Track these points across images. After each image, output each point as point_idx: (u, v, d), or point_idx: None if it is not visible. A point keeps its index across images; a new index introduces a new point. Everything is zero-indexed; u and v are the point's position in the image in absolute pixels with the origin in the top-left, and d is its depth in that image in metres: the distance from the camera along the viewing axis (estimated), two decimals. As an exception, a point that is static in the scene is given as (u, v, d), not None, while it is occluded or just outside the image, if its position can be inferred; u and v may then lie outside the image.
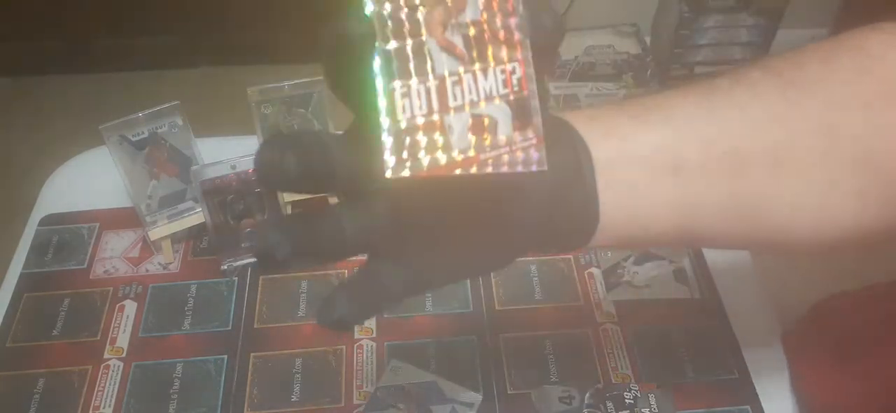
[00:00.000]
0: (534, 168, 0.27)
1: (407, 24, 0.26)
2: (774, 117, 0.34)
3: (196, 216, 0.69)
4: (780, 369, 0.62)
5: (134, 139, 0.65)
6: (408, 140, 0.26)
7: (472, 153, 0.27)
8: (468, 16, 0.27)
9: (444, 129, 0.26)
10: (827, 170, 0.34)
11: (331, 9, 0.26)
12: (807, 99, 0.34)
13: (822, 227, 0.35)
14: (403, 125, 0.26)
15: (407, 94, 0.26)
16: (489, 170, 0.27)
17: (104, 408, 0.59)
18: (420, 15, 0.26)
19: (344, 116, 0.81)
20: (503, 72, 0.27)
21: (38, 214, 0.74)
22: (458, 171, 0.26)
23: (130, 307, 0.66)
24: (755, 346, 0.63)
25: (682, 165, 0.33)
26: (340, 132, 0.32)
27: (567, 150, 0.32)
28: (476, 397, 0.59)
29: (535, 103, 0.28)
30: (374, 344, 0.63)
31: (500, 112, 0.27)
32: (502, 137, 0.27)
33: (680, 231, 0.35)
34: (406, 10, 0.26)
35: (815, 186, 0.34)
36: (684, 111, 0.34)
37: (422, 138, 0.26)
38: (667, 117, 0.34)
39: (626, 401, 0.58)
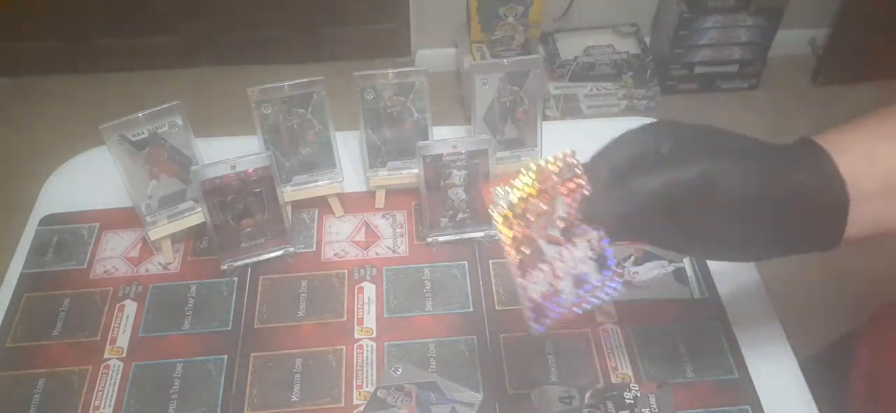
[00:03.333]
0: (614, 296, 0.44)
1: (524, 238, 0.44)
2: None
3: (196, 216, 0.69)
4: (780, 369, 0.62)
5: (134, 139, 0.65)
6: (539, 308, 0.43)
7: (577, 299, 0.44)
8: (558, 212, 0.44)
9: (559, 292, 0.44)
10: None
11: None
12: None
13: None
14: (537, 300, 0.43)
15: (534, 281, 0.43)
16: (587, 307, 0.44)
17: (104, 408, 0.59)
18: (531, 227, 0.44)
19: (344, 116, 0.82)
20: (585, 239, 0.44)
21: (38, 214, 0.74)
22: (571, 316, 0.43)
23: (130, 307, 0.66)
24: (755, 346, 0.63)
25: None
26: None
27: (828, 193, 0.40)
28: (476, 397, 0.59)
29: (610, 254, 0.44)
30: (374, 344, 0.63)
31: (589, 267, 0.44)
32: (595, 281, 0.44)
33: None
34: (521, 225, 0.44)
35: None
36: None
37: (546, 304, 0.43)
38: None
39: (626, 401, 0.58)
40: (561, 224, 0.44)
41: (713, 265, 0.68)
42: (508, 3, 1.91)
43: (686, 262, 0.69)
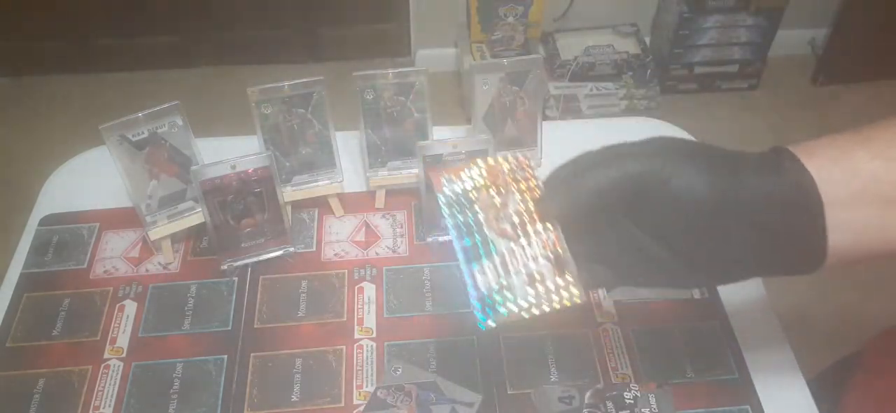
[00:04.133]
0: (576, 301, 0.41)
1: (473, 226, 0.42)
2: None
3: (196, 216, 0.69)
4: (780, 369, 0.62)
5: (134, 139, 0.65)
6: (488, 301, 0.40)
7: (532, 300, 0.40)
8: (511, 208, 0.43)
9: (510, 289, 0.41)
10: None
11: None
12: None
13: None
14: (484, 292, 0.40)
15: (482, 272, 0.41)
16: (546, 309, 0.41)
17: (104, 408, 0.59)
18: (481, 217, 0.43)
19: (344, 116, 0.82)
20: (540, 239, 0.42)
21: (38, 214, 0.74)
22: (525, 315, 0.40)
23: (130, 307, 0.66)
24: (755, 346, 0.63)
25: None
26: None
27: (797, 193, 0.38)
28: (476, 397, 0.59)
29: (568, 256, 0.41)
30: (374, 344, 0.63)
31: (544, 268, 0.41)
32: (550, 284, 0.41)
33: None
34: (470, 215, 0.43)
35: None
36: None
37: (498, 297, 0.40)
38: None
39: (626, 401, 0.58)
40: (514, 219, 0.42)
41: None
42: (508, 3, 1.91)
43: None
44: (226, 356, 0.62)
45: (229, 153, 0.65)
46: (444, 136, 0.68)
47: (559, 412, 0.57)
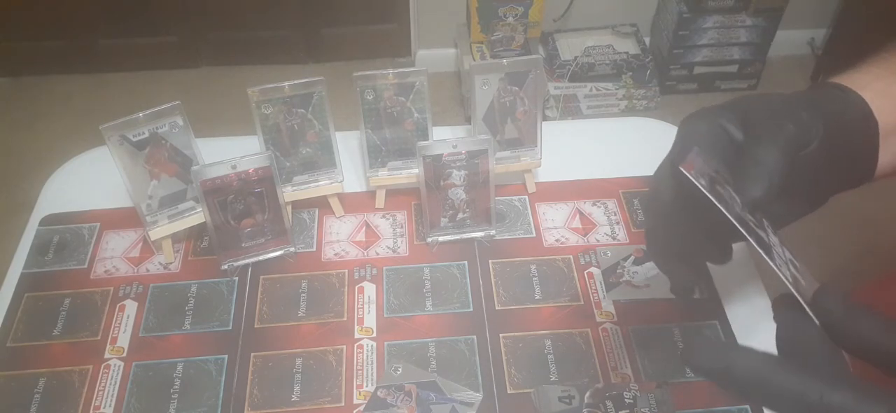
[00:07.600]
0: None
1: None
2: None
3: (196, 216, 0.69)
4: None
5: (134, 139, 0.65)
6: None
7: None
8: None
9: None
10: None
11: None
12: None
13: None
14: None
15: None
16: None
17: (105, 407, 0.59)
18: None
19: (344, 116, 0.81)
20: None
21: (38, 214, 0.74)
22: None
23: (131, 307, 0.66)
24: (755, 346, 0.63)
25: None
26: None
27: (858, 120, 0.44)
28: (476, 397, 0.59)
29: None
30: (374, 344, 0.63)
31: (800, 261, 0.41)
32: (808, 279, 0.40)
33: None
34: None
35: None
36: None
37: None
38: None
39: (626, 400, 0.58)
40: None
41: (713, 265, 0.68)
42: (508, 3, 1.91)
43: (686, 262, 0.69)
44: (226, 356, 0.62)
45: (230, 153, 0.65)
46: (444, 136, 0.68)
47: (559, 412, 0.57)
